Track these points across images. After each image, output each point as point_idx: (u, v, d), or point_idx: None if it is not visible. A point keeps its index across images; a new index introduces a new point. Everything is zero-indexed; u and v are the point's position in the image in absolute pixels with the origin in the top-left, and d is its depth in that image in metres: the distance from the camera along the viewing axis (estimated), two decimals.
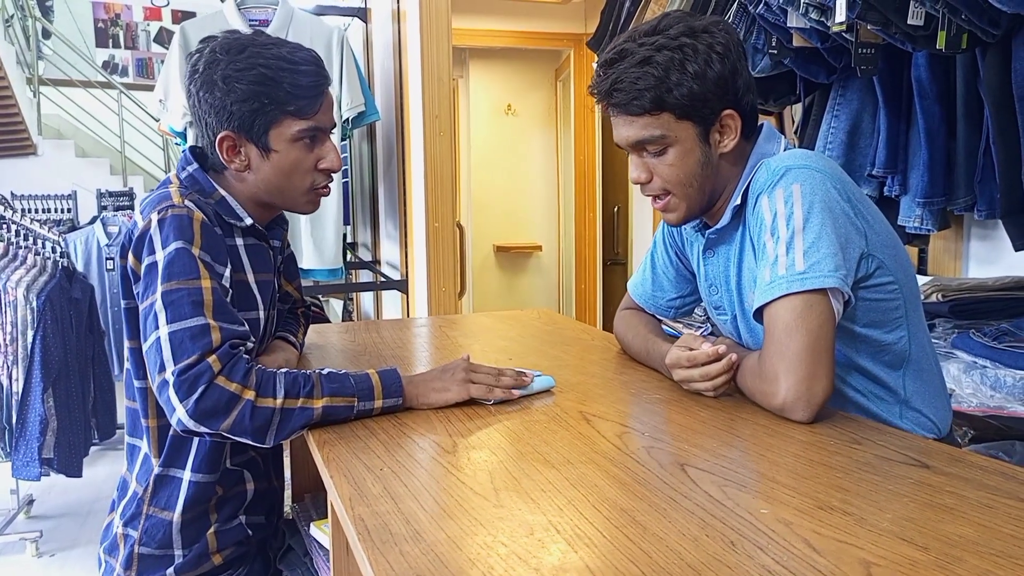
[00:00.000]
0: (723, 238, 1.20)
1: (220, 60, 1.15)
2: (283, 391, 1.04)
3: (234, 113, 1.16)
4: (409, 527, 0.75)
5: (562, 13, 4.70)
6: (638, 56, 1.07)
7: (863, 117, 1.84)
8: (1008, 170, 1.53)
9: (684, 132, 1.10)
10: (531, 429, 1.03)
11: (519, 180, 5.58)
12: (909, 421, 1.13)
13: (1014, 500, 0.76)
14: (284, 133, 1.18)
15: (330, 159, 1.23)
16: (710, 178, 1.14)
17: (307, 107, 1.18)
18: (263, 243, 1.28)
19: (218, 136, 1.18)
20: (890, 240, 1.11)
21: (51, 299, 2.91)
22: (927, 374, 1.16)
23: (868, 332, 1.11)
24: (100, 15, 8.16)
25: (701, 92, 1.07)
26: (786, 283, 1.01)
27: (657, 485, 0.82)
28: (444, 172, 2.77)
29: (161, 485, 1.21)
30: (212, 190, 1.21)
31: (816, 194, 1.03)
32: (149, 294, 1.08)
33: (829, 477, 0.83)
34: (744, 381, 1.10)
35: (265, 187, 1.22)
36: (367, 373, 1.10)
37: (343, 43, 2.86)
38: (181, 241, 1.09)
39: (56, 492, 3.56)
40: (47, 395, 2.87)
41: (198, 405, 1.00)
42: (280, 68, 1.15)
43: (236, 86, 1.14)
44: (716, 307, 1.28)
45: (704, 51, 1.07)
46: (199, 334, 1.03)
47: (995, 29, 1.45)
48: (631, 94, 1.08)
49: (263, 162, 1.20)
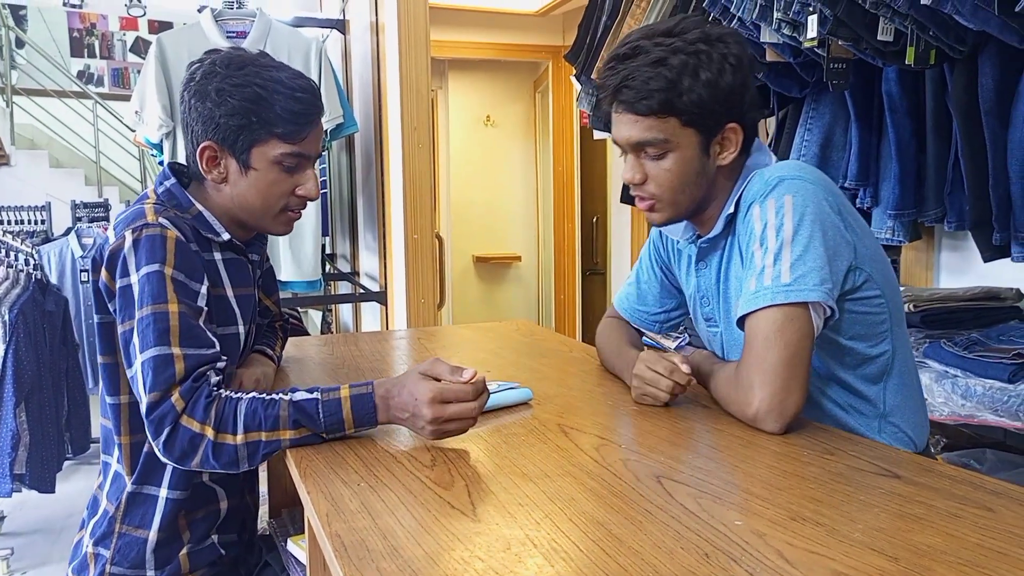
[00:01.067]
0: (714, 247, 1.20)
1: (218, 73, 1.16)
2: (243, 426, 1.02)
3: (220, 125, 1.16)
4: (386, 543, 0.75)
5: (540, 25, 4.74)
6: (652, 56, 1.06)
7: (835, 130, 1.87)
8: (976, 182, 1.57)
9: (687, 139, 1.09)
10: (509, 442, 1.03)
11: (498, 191, 5.60)
12: (887, 435, 1.14)
13: (981, 509, 0.78)
14: (267, 153, 1.18)
15: (308, 187, 1.23)
16: (702, 187, 1.14)
17: (295, 133, 1.18)
18: (242, 257, 1.27)
19: (200, 145, 1.18)
20: (877, 254, 1.12)
21: (24, 312, 2.87)
22: (908, 388, 1.16)
23: (853, 344, 1.11)
24: (75, 24, 8.08)
25: (710, 101, 1.07)
26: (771, 294, 1.01)
27: (633, 498, 0.83)
28: (423, 183, 2.78)
29: (134, 503, 1.19)
30: (189, 205, 1.21)
31: (807, 206, 1.04)
32: (126, 318, 1.09)
33: (802, 488, 0.84)
34: (719, 390, 1.11)
35: (238, 203, 1.22)
36: (339, 399, 1.04)
37: (321, 54, 2.86)
38: (155, 263, 1.08)
39: (28, 508, 3.50)
40: (19, 410, 2.83)
41: (166, 446, 1.02)
42: (275, 91, 1.16)
43: (228, 100, 1.15)
44: (707, 319, 1.27)
45: (718, 60, 1.06)
46: (162, 366, 1.03)
47: (962, 46, 1.48)
48: (641, 93, 1.07)
49: (240, 177, 1.20)
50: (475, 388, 1.03)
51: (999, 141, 1.52)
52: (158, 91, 2.67)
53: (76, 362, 3.28)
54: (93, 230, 4.03)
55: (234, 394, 1.05)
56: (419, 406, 1.01)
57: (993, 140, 1.52)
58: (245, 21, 2.79)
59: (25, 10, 7.83)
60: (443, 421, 1.01)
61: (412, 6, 2.70)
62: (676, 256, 1.34)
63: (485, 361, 1.54)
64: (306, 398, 1.04)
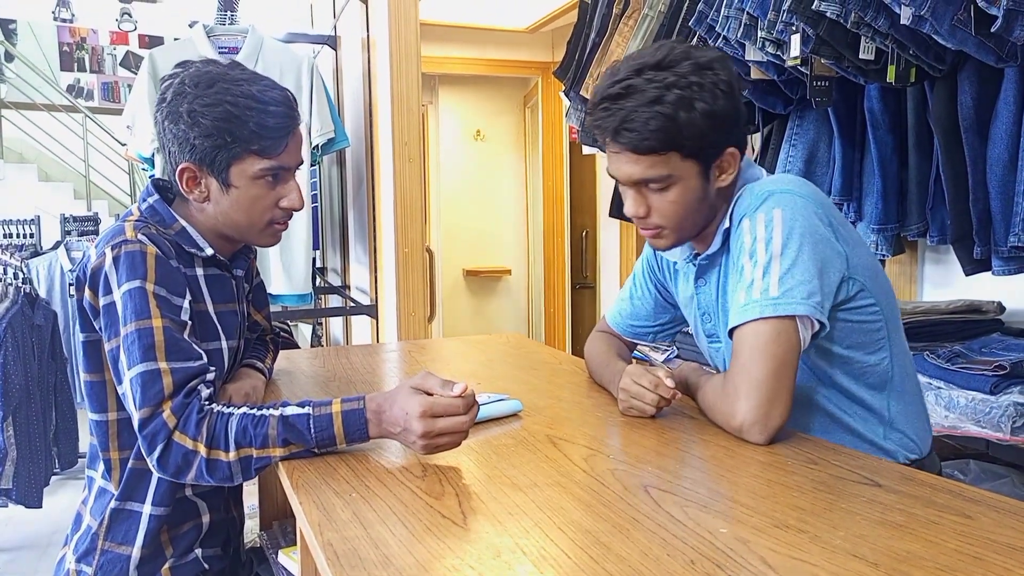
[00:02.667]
0: (712, 263, 1.21)
1: (188, 93, 1.15)
2: (234, 443, 1.03)
3: (196, 147, 1.15)
4: (378, 552, 0.76)
5: (530, 42, 4.79)
6: (648, 95, 1.06)
7: (819, 146, 1.90)
8: (957, 198, 1.60)
9: (688, 170, 1.10)
10: (499, 453, 1.05)
11: (488, 205, 5.63)
12: (893, 442, 1.15)
13: (960, 516, 0.80)
14: (246, 170, 1.18)
15: (292, 198, 1.22)
16: (704, 211, 1.15)
17: (272, 147, 1.17)
18: (225, 273, 1.28)
19: (179, 166, 1.18)
20: (870, 263, 1.14)
21: (12, 325, 2.86)
22: (909, 395, 1.18)
23: (851, 354, 1.13)
24: (65, 38, 8.08)
25: (708, 132, 1.07)
26: (759, 307, 1.03)
27: (621, 507, 0.85)
28: (413, 197, 2.80)
29: (118, 519, 1.19)
30: (172, 221, 1.21)
31: (796, 219, 1.05)
32: (112, 336, 1.10)
33: (786, 496, 0.86)
34: (706, 401, 1.13)
35: (223, 220, 1.22)
36: (330, 414, 1.04)
37: (313, 70, 2.88)
38: (135, 280, 1.09)
39: (15, 523, 3.47)
40: (7, 424, 2.82)
41: (161, 463, 1.03)
42: (248, 107, 1.14)
43: (201, 120, 1.14)
44: (709, 335, 1.27)
45: (710, 88, 1.07)
46: (150, 382, 1.04)
47: (941, 64, 1.52)
48: (643, 135, 1.06)
49: (222, 196, 1.20)
50: (466, 402, 1.02)
51: (979, 157, 1.55)
52: (150, 106, 2.68)
53: (64, 376, 3.27)
54: (82, 244, 4.02)
55: (225, 409, 1.05)
56: (410, 420, 1.00)
57: (973, 156, 1.55)
58: (237, 37, 2.81)
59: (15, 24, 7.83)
60: (434, 435, 1.00)
61: (403, 22, 2.73)
62: (672, 274, 1.35)
63: (475, 373, 1.55)
64: (297, 413, 1.04)
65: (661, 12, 2.12)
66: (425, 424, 1.00)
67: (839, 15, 1.43)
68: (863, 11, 1.42)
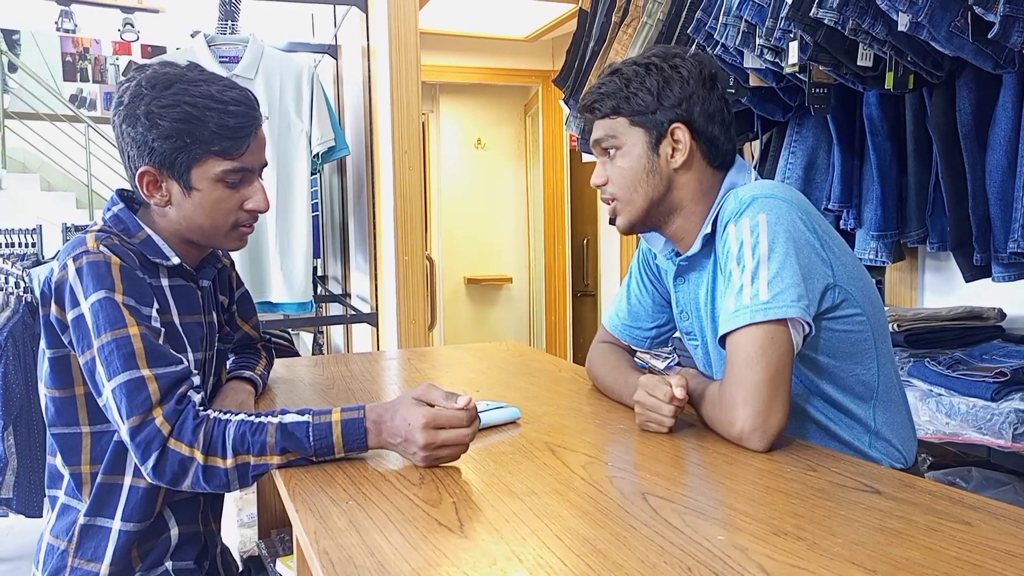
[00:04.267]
0: (694, 265, 1.23)
1: (145, 95, 1.12)
2: (231, 450, 1.02)
3: (155, 149, 1.13)
4: (374, 560, 0.76)
5: (530, 51, 4.80)
6: (611, 69, 1.21)
7: (818, 153, 1.90)
8: (956, 204, 1.60)
9: (635, 138, 1.18)
10: (497, 460, 1.04)
11: (489, 213, 5.63)
12: (878, 451, 1.15)
13: (959, 523, 0.79)
14: (207, 172, 1.15)
15: (256, 200, 1.20)
16: (658, 189, 1.19)
17: (233, 147, 1.15)
18: (191, 284, 1.25)
19: (138, 170, 1.15)
20: (857, 272, 1.14)
21: (13, 335, 2.86)
22: (895, 405, 1.18)
23: (837, 364, 1.13)
24: (68, 49, 8.12)
25: (654, 104, 1.16)
26: (750, 313, 1.03)
27: (618, 514, 0.84)
28: (414, 206, 2.80)
29: (87, 535, 1.15)
30: (137, 230, 1.18)
31: (781, 224, 1.06)
32: (85, 348, 1.06)
33: (785, 503, 0.85)
34: (704, 409, 1.12)
35: (187, 224, 1.19)
36: (330, 423, 1.04)
37: (314, 79, 2.89)
38: (103, 290, 1.06)
39: (15, 533, 3.47)
40: (7, 433, 2.81)
41: (156, 471, 1.01)
42: (207, 107, 1.12)
43: (159, 123, 1.11)
44: (687, 333, 1.30)
45: (668, 71, 1.17)
46: (135, 390, 1.02)
47: (939, 71, 1.52)
48: (595, 97, 1.21)
49: (184, 199, 1.17)
50: (468, 415, 1.02)
51: (978, 163, 1.55)
52: None
53: None
54: None
55: (222, 415, 1.04)
56: (412, 431, 1.00)
57: (972, 163, 1.55)
58: (238, 46, 2.82)
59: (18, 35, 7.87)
60: (436, 447, 1.00)
61: (403, 31, 2.74)
62: (665, 273, 1.36)
63: (475, 381, 1.55)
64: (296, 421, 1.03)
65: (660, 20, 2.13)
66: (427, 435, 0.99)
67: (837, 22, 1.43)
68: (861, 18, 1.42)
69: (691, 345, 1.31)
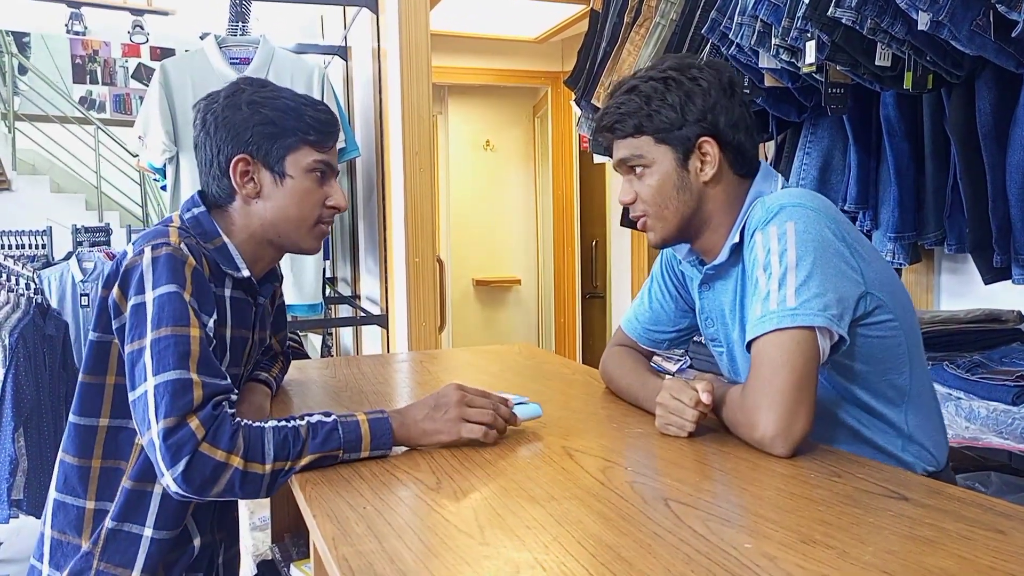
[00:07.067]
0: (720, 274, 1.22)
1: (245, 89, 1.20)
2: (272, 455, 1.01)
3: (254, 135, 1.17)
4: (394, 566, 0.74)
5: (539, 52, 4.79)
6: (628, 85, 1.18)
7: (834, 154, 1.88)
8: (975, 205, 1.58)
9: (663, 156, 1.16)
10: (515, 465, 1.03)
11: (498, 214, 5.62)
12: (911, 455, 1.13)
13: (992, 532, 0.77)
14: (300, 161, 1.20)
15: (337, 198, 1.24)
16: (689, 204, 1.17)
17: (324, 141, 1.21)
18: (249, 298, 1.25)
19: (233, 159, 1.18)
20: (887, 277, 1.12)
21: (24, 336, 2.87)
22: (927, 408, 1.16)
23: (871, 369, 1.11)
24: (78, 51, 8.15)
25: (679, 120, 1.14)
26: (776, 318, 1.02)
27: (641, 520, 0.83)
28: (424, 207, 2.79)
29: (114, 540, 1.13)
30: (215, 235, 1.19)
31: (810, 232, 1.05)
32: (136, 337, 1.05)
33: (811, 510, 0.84)
34: (727, 413, 1.11)
35: (273, 217, 1.21)
36: (357, 420, 1.06)
37: (324, 80, 2.88)
38: (174, 284, 1.06)
39: (25, 535, 3.47)
40: (18, 435, 2.81)
41: (185, 476, 0.97)
42: (304, 103, 1.21)
43: (260, 110, 1.18)
44: (712, 339, 1.29)
45: (688, 84, 1.14)
46: (180, 391, 1.00)
47: (959, 70, 1.50)
48: (615, 118, 1.18)
49: (276, 189, 1.20)
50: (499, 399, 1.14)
51: (998, 164, 1.53)
52: (162, 117, 2.69)
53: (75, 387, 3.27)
54: (94, 255, 4.03)
55: (254, 423, 1.03)
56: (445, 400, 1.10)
57: (992, 163, 1.53)
58: (248, 48, 2.82)
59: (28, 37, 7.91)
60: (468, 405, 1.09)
61: (414, 33, 2.73)
62: (689, 279, 1.35)
63: (488, 384, 1.53)
64: (322, 420, 1.06)
65: (673, 20, 2.11)
66: (460, 394, 1.10)
67: (855, 21, 1.42)
68: (879, 17, 1.40)
69: (716, 351, 1.30)
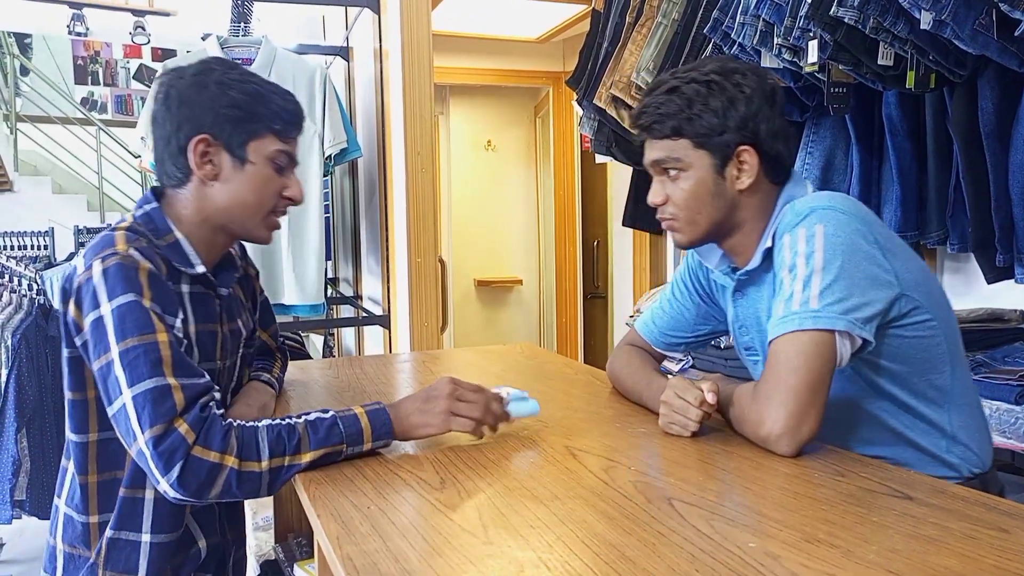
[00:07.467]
0: (753, 279, 1.21)
1: (215, 69, 1.16)
2: (268, 451, 1.00)
3: (220, 115, 1.14)
4: (398, 566, 0.74)
5: (541, 52, 4.78)
6: (668, 85, 1.15)
7: (836, 154, 1.88)
8: (978, 205, 1.58)
9: (700, 161, 1.14)
10: (518, 465, 1.03)
11: (499, 215, 5.62)
12: (956, 455, 1.12)
13: (996, 531, 0.77)
14: (263, 148, 1.17)
15: (294, 189, 1.22)
16: (722, 211, 1.16)
17: (288, 131, 1.19)
18: (209, 292, 1.22)
19: (194, 138, 1.13)
20: (923, 277, 1.11)
21: (26, 337, 2.87)
22: (969, 407, 1.15)
23: (911, 370, 1.10)
24: (79, 52, 8.16)
25: (720, 126, 1.12)
26: (798, 319, 1.01)
27: (645, 520, 0.83)
28: (426, 207, 2.79)
29: (115, 549, 1.13)
30: (167, 231, 1.16)
31: (839, 236, 1.04)
32: (101, 352, 1.02)
33: (815, 509, 0.84)
34: (733, 409, 1.10)
35: (228, 202, 1.17)
36: (355, 414, 1.07)
37: (325, 80, 2.88)
38: (130, 293, 1.03)
39: (28, 535, 3.47)
40: (20, 435, 2.82)
41: (181, 480, 0.97)
42: (272, 91, 1.19)
43: (229, 92, 1.14)
44: (747, 348, 1.27)
45: (731, 89, 1.12)
46: (160, 398, 0.98)
47: (962, 70, 1.50)
48: (654, 118, 1.15)
49: (235, 172, 1.16)
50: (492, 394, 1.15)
51: (1000, 164, 1.53)
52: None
53: None
54: None
55: (247, 423, 1.03)
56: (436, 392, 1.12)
57: (994, 163, 1.53)
58: (250, 48, 2.82)
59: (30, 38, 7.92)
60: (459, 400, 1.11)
61: (416, 33, 2.73)
62: (719, 288, 1.33)
63: (491, 384, 1.53)
64: (321, 417, 1.06)
65: (675, 20, 2.11)
66: (451, 388, 1.12)
67: (857, 21, 1.42)
68: (882, 16, 1.40)
69: (751, 360, 1.28)
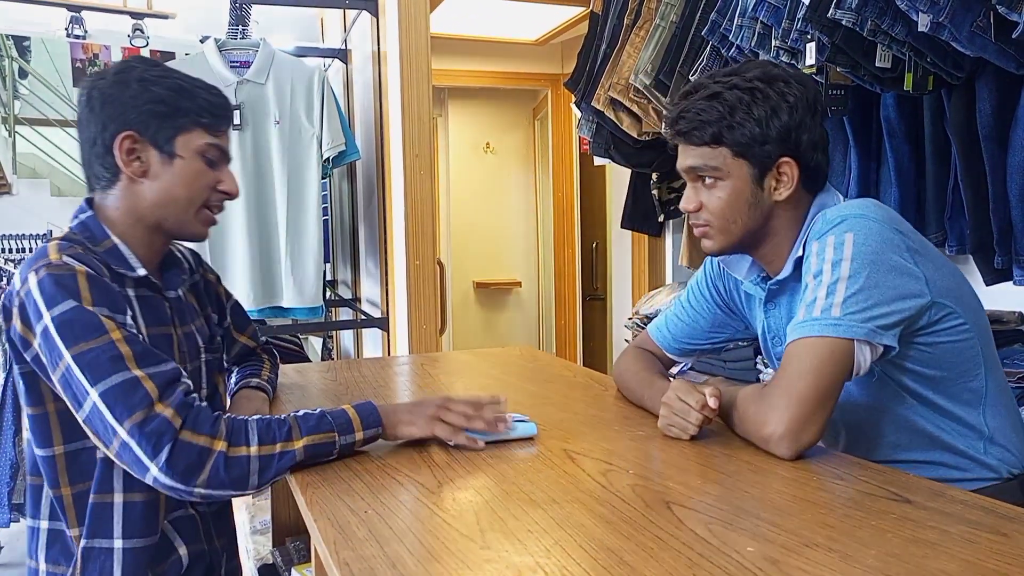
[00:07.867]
0: (784, 289, 1.20)
1: (136, 67, 1.15)
2: (256, 438, 1.01)
3: (144, 112, 1.12)
4: (395, 571, 0.74)
5: (539, 54, 4.79)
6: (709, 91, 1.11)
7: (834, 156, 1.88)
8: (976, 207, 1.57)
9: (738, 170, 1.12)
10: (515, 468, 1.03)
11: (498, 217, 5.62)
12: (993, 457, 1.12)
13: (995, 535, 0.77)
14: (192, 142, 1.15)
15: (229, 183, 1.20)
16: (757, 221, 1.15)
17: (217, 124, 1.18)
18: (156, 295, 1.19)
19: (119, 136, 1.11)
20: (955, 282, 1.11)
21: None
22: (1005, 408, 1.15)
23: (946, 374, 1.10)
24: (78, 55, 8.12)
25: (761, 136, 1.09)
26: (819, 326, 1.01)
27: (643, 524, 0.82)
28: (425, 210, 2.79)
29: (89, 559, 1.10)
30: (103, 237, 1.14)
31: (868, 245, 1.03)
32: (57, 360, 1.00)
33: (813, 514, 0.84)
34: (736, 410, 1.10)
35: (159, 197, 1.15)
36: (342, 408, 1.09)
37: (324, 83, 2.88)
38: (70, 299, 1.01)
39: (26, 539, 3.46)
40: (18, 438, 2.81)
41: (169, 463, 0.96)
42: (196, 85, 1.16)
43: (151, 88, 1.12)
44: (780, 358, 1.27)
45: (775, 98, 1.09)
46: (129, 391, 0.97)
47: (959, 71, 1.50)
48: (693, 124, 1.12)
49: (164, 168, 1.14)
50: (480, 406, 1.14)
51: (998, 165, 1.53)
52: None
53: None
54: None
55: (237, 417, 1.04)
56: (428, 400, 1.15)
57: (992, 165, 1.53)
58: (248, 51, 2.82)
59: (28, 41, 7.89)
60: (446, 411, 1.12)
61: (414, 36, 2.73)
62: (744, 298, 1.32)
63: (489, 387, 1.53)
64: (309, 411, 1.08)
65: (673, 22, 2.11)
66: (444, 398, 1.14)
67: (855, 23, 1.42)
68: (880, 19, 1.40)
69: None
